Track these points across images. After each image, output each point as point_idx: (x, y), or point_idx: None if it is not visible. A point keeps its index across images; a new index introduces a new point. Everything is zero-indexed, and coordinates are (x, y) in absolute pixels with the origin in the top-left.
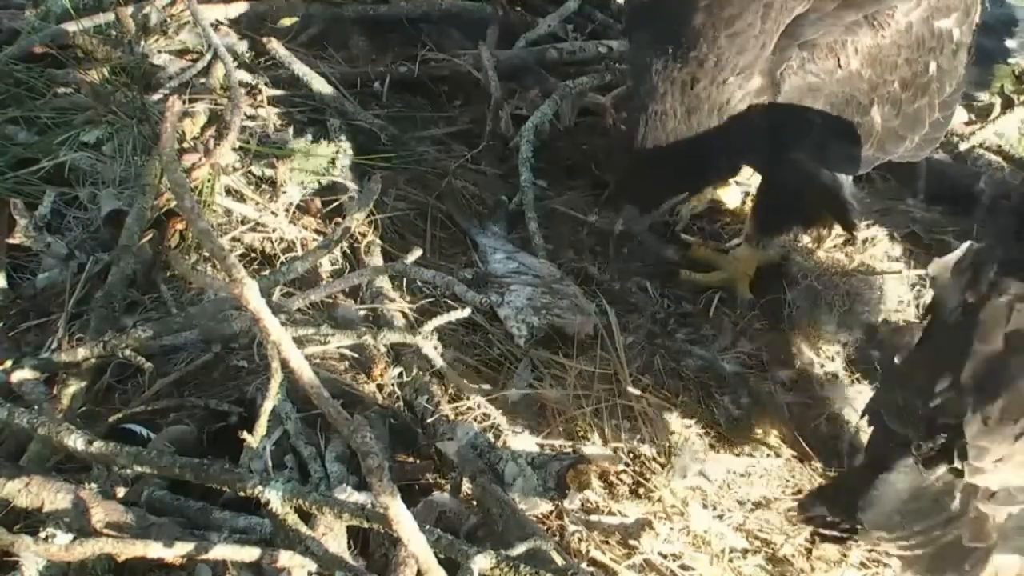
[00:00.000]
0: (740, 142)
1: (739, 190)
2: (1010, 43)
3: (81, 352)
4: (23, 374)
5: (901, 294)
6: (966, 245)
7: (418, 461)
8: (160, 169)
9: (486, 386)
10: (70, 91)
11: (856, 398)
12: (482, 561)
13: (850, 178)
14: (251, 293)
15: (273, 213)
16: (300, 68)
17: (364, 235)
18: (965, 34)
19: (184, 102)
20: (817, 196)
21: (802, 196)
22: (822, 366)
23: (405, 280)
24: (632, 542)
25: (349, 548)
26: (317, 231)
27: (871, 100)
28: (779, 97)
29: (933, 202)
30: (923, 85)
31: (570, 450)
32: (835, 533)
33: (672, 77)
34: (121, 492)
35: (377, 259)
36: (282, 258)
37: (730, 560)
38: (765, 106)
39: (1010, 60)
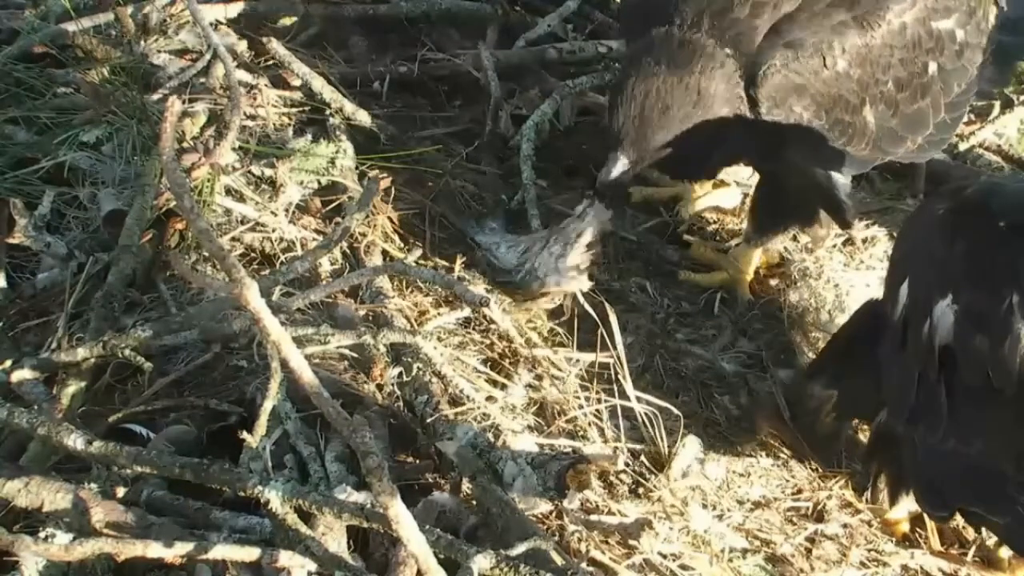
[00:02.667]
0: (730, 139)
1: (739, 190)
2: None
3: (81, 352)
4: (23, 374)
5: None
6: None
7: (418, 461)
8: (160, 169)
9: (486, 386)
10: (70, 91)
11: None
12: (482, 561)
13: (847, 178)
14: (251, 293)
15: (273, 213)
16: (300, 68)
17: (364, 235)
18: (971, 34)
19: (184, 102)
20: (812, 195)
21: (798, 195)
22: None
23: (405, 280)
24: (632, 542)
25: (349, 548)
26: (317, 231)
27: (862, 100)
28: (762, 96)
29: None
30: (923, 86)
31: (570, 450)
32: None
33: (664, 76)
34: (121, 492)
35: (377, 259)
36: (282, 258)
37: (730, 560)
38: (750, 105)
39: None
